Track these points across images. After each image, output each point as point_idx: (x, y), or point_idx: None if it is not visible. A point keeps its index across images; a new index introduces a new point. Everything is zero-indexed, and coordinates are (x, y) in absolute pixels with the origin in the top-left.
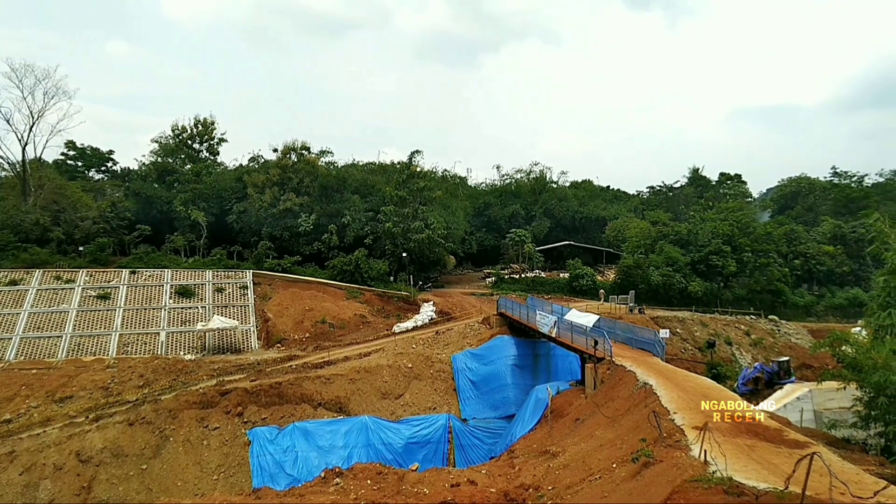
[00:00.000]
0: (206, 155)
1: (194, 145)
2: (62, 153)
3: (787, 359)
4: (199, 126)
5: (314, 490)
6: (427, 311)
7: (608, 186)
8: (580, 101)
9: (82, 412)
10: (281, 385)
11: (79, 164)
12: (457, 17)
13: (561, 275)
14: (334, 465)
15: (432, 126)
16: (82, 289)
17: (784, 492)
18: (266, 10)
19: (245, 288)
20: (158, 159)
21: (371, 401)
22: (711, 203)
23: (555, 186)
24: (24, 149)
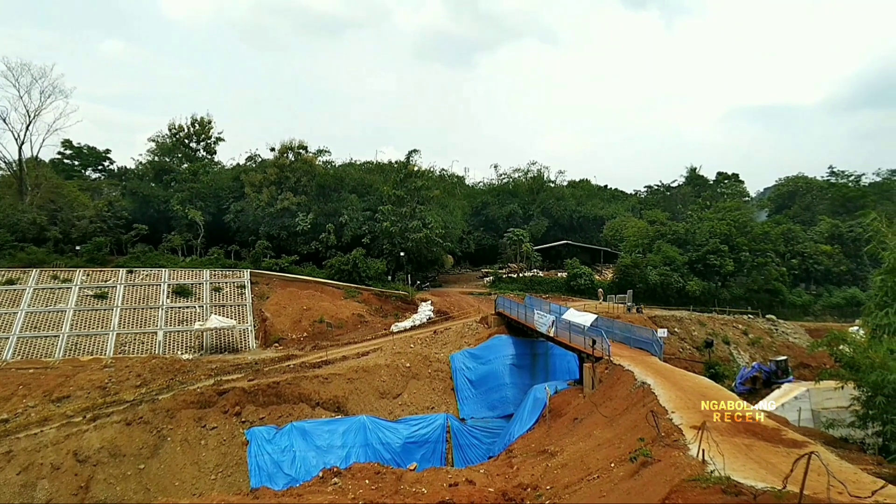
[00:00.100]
0: (203, 154)
1: (191, 144)
2: (59, 152)
3: (784, 358)
4: (196, 125)
5: (312, 490)
6: (425, 311)
7: (606, 186)
8: (578, 101)
9: (80, 412)
10: (279, 385)
11: (75, 163)
12: (455, 17)
13: (559, 274)
14: (332, 464)
15: (431, 126)
16: (79, 288)
17: (782, 491)
18: (265, 9)
19: (242, 287)
20: (155, 158)
21: (369, 400)
22: (709, 202)
23: (552, 186)
24: (20, 148)
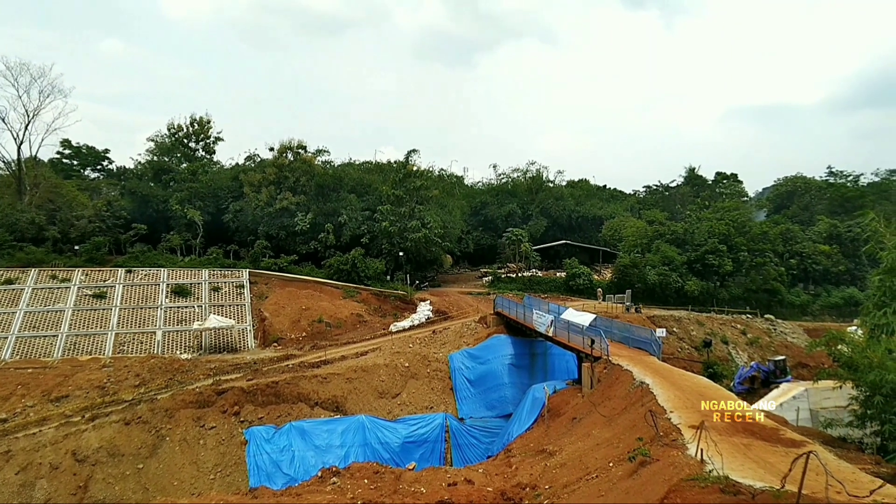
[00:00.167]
0: (203, 154)
1: (190, 144)
2: (58, 152)
3: (783, 358)
4: (196, 125)
5: (311, 489)
6: (424, 311)
7: (604, 186)
8: (578, 101)
9: (78, 411)
10: (277, 384)
11: (74, 162)
12: (455, 17)
13: (557, 274)
14: (331, 464)
15: (431, 126)
16: (78, 288)
17: (780, 490)
18: (265, 9)
19: (241, 287)
20: (154, 158)
21: (368, 400)
22: (707, 202)
23: (551, 186)
24: (19, 147)
